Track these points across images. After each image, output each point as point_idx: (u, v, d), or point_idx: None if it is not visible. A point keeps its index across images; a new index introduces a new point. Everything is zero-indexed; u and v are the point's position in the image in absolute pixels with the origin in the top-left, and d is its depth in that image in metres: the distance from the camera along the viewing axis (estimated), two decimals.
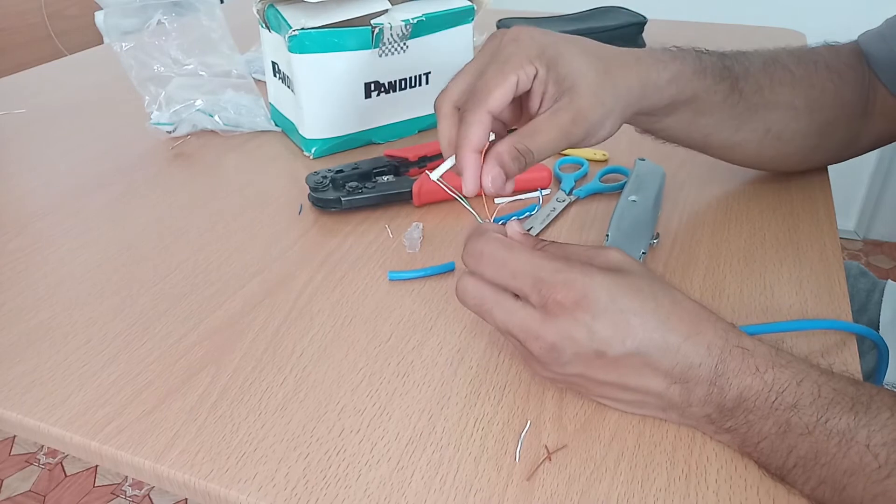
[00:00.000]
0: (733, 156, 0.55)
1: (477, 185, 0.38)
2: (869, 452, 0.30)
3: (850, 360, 0.41)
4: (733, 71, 0.49)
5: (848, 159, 0.58)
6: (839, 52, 0.55)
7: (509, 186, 0.39)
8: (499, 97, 0.38)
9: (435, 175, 0.40)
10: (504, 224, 0.38)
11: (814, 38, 0.84)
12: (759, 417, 0.32)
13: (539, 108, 0.40)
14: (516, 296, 0.35)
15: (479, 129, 0.38)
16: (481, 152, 0.38)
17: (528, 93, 0.40)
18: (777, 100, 0.51)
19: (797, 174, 0.59)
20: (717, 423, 0.34)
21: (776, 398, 0.32)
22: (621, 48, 0.44)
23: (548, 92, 0.40)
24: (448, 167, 0.40)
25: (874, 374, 0.47)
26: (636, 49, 0.45)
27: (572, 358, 0.33)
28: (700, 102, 0.48)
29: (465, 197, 0.39)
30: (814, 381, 0.32)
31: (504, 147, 0.38)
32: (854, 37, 0.56)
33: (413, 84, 0.68)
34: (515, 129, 0.40)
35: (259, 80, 0.84)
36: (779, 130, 0.52)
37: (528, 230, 0.54)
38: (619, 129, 0.43)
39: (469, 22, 0.69)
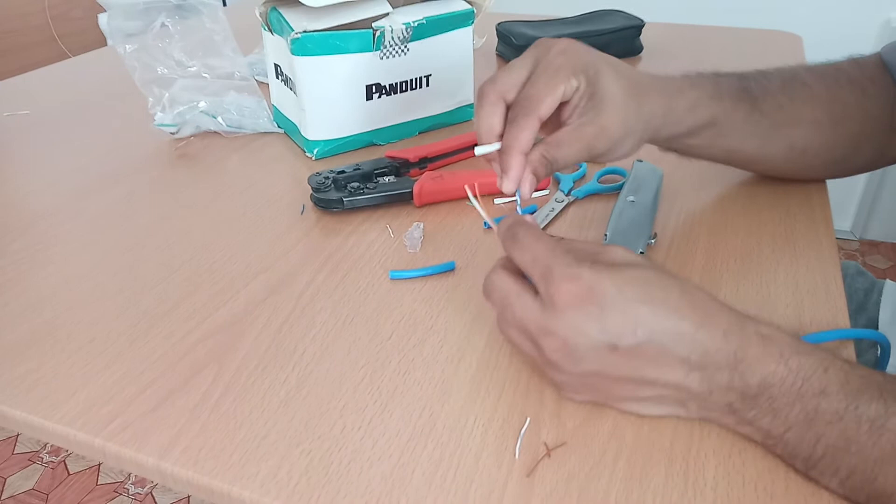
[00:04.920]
0: (759, 169, 0.56)
1: (517, 186, 0.41)
2: None
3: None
4: (752, 92, 0.51)
5: (877, 169, 0.58)
6: (863, 65, 0.55)
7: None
8: (549, 105, 0.41)
9: (479, 151, 0.43)
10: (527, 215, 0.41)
11: (810, 41, 0.84)
12: (784, 404, 0.32)
13: (569, 118, 0.43)
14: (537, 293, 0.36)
15: (528, 135, 0.41)
16: (525, 155, 0.41)
17: (564, 103, 0.43)
18: (800, 116, 0.52)
19: None
20: (738, 413, 0.34)
21: (802, 384, 0.32)
22: (650, 75, 0.47)
23: (580, 105, 0.43)
24: (491, 149, 0.42)
25: None
26: (660, 77, 0.47)
27: (585, 354, 0.34)
28: (720, 125, 0.50)
29: (476, 197, 0.43)
30: (839, 368, 0.32)
31: (535, 156, 0.41)
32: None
33: (414, 86, 0.69)
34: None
35: (262, 82, 0.85)
36: (804, 146, 0.53)
37: None
38: (639, 149, 0.46)
39: (469, 25, 0.70)
